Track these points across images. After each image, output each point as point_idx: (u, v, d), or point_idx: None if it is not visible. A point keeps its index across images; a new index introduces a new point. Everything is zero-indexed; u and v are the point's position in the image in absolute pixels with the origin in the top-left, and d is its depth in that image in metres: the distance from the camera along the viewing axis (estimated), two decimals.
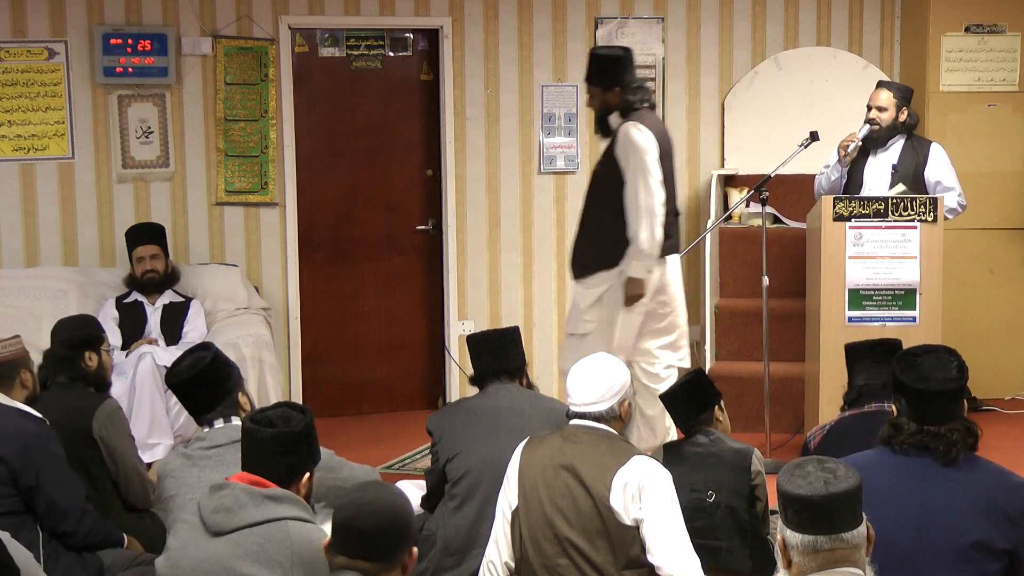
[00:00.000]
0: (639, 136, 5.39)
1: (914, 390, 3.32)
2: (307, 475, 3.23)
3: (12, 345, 4.28)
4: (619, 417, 3.75)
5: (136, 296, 6.64)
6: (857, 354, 4.49)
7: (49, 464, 4.05)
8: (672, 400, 4.33)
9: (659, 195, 5.35)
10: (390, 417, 7.43)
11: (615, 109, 5.56)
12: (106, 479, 4.53)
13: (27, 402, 4.25)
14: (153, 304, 6.64)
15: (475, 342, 4.61)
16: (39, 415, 4.18)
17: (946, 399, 3.30)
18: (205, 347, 4.04)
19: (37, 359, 4.58)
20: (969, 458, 3.31)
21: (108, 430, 4.50)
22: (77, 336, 4.71)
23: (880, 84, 6.47)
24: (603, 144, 5.64)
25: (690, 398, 4.27)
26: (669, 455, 4.32)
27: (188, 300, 6.71)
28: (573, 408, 3.75)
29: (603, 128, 5.62)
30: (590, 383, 3.74)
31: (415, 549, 2.77)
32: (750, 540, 4.22)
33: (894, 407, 3.41)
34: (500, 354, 4.54)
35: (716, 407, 4.31)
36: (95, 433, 4.47)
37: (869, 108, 6.34)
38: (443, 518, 4.38)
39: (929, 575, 3.18)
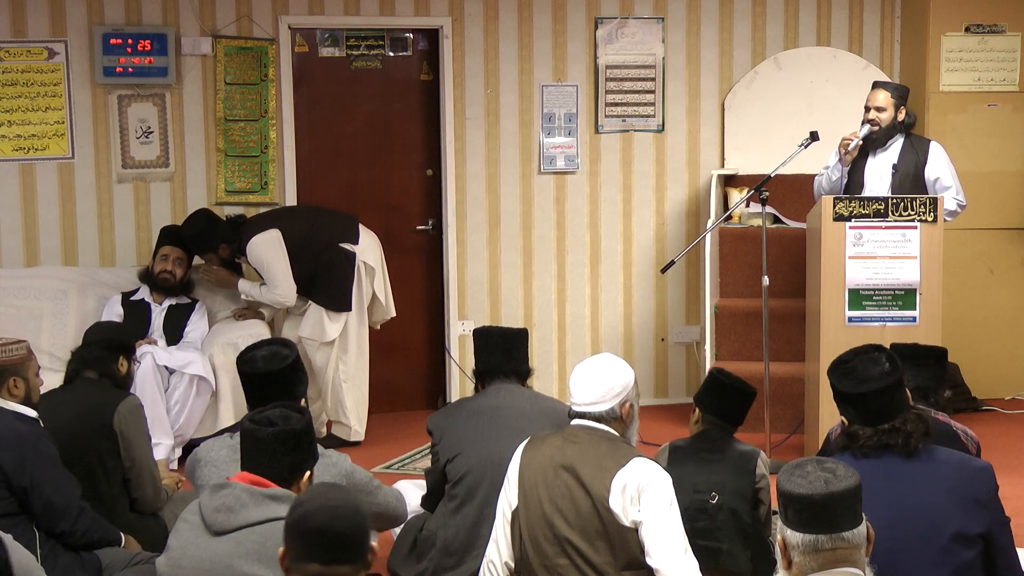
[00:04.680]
0: (253, 252, 6.55)
1: (856, 395, 3.36)
2: (308, 474, 3.23)
3: (5, 350, 4.19)
4: (620, 418, 3.74)
5: (143, 295, 6.65)
6: (900, 355, 4.49)
7: (42, 464, 4.04)
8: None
9: (282, 290, 6.58)
10: (390, 417, 7.42)
11: (233, 256, 6.73)
12: (118, 473, 4.53)
13: (27, 403, 4.23)
14: (159, 304, 6.64)
15: (487, 337, 4.60)
16: (32, 414, 4.17)
17: (889, 394, 3.35)
18: (286, 344, 4.02)
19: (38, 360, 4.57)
20: (928, 449, 3.35)
21: (128, 424, 4.52)
22: (117, 339, 4.76)
23: (876, 84, 6.47)
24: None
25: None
26: (675, 455, 4.32)
27: (193, 302, 6.71)
28: (575, 408, 3.75)
29: (236, 269, 6.80)
30: (592, 383, 3.73)
31: (375, 543, 2.73)
32: (751, 543, 4.22)
33: (844, 419, 3.43)
34: (513, 354, 4.55)
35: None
36: (115, 425, 4.48)
37: (868, 109, 6.33)
38: (443, 518, 4.38)
39: (909, 573, 3.19)
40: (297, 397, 3.89)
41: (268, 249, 6.54)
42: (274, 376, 3.86)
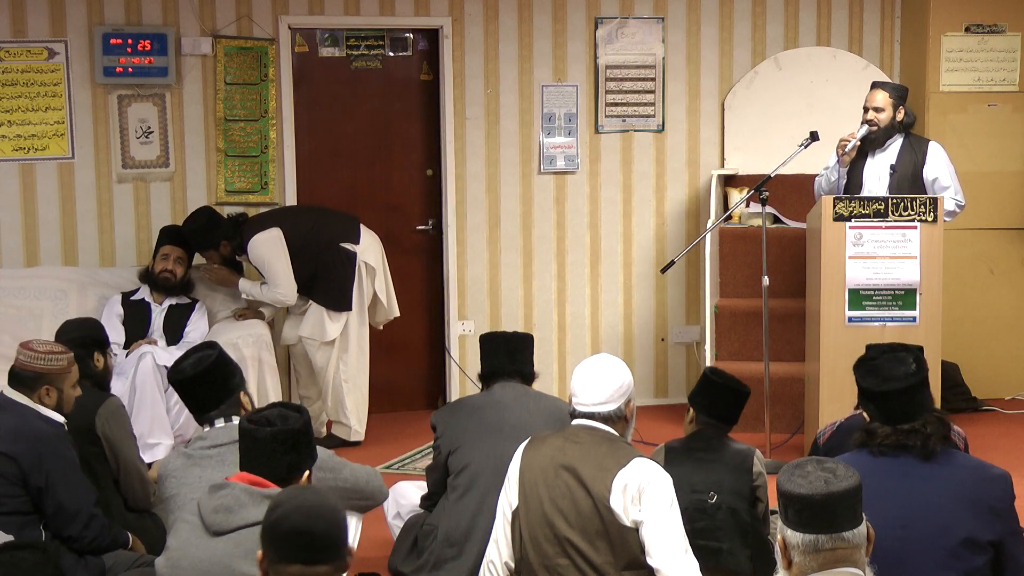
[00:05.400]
0: (254, 251, 6.54)
1: (879, 393, 3.35)
2: (306, 473, 3.23)
3: (46, 358, 4.18)
4: (624, 417, 3.75)
5: (143, 295, 6.65)
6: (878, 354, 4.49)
7: (59, 467, 4.04)
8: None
9: (283, 288, 6.58)
10: (390, 417, 7.42)
11: (234, 254, 6.72)
12: (108, 477, 4.54)
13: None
14: (160, 304, 6.64)
15: (491, 341, 4.64)
16: (59, 418, 4.17)
17: (911, 395, 3.34)
18: (210, 346, 4.03)
19: None
20: (946, 453, 3.34)
21: (111, 426, 4.51)
22: (89, 336, 4.73)
23: (875, 85, 6.46)
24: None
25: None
26: (671, 456, 4.32)
27: (193, 302, 6.71)
28: (581, 408, 3.73)
29: (236, 267, 6.79)
30: (599, 383, 3.73)
31: (353, 544, 2.73)
32: (751, 541, 4.22)
33: (865, 414, 3.43)
34: (516, 356, 4.58)
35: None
36: (98, 429, 4.48)
37: (866, 110, 6.32)
38: (444, 510, 4.39)
39: (916, 573, 3.19)
40: (233, 389, 3.89)
41: (269, 248, 6.54)
42: (203, 377, 3.87)
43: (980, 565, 3.20)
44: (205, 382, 3.87)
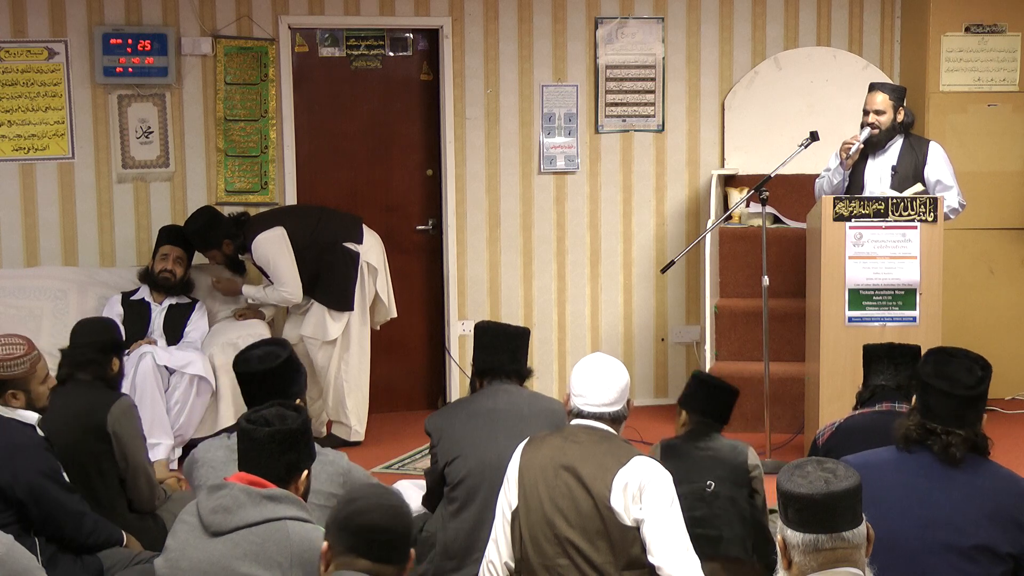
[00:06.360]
0: (259, 250, 6.54)
1: (925, 384, 3.35)
2: (305, 473, 3.23)
3: (5, 366, 4.11)
4: (626, 417, 3.77)
5: (143, 294, 6.65)
6: (875, 355, 4.50)
7: (39, 476, 4.00)
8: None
9: (289, 287, 6.57)
10: (390, 417, 7.42)
11: (237, 253, 6.71)
12: (114, 475, 4.53)
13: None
14: (159, 304, 6.64)
15: (491, 334, 4.57)
16: (31, 417, 4.13)
17: (954, 403, 3.31)
18: (281, 344, 4.03)
19: None
20: (979, 461, 3.32)
21: (122, 425, 4.51)
22: (110, 341, 4.74)
23: (873, 87, 6.43)
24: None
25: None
26: (667, 452, 4.35)
27: (193, 302, 6.71)
28: (589, 409, 3.73)
29: (239, 266, 6.82)
30: (607, 384, 3.72)
31: (412, 550, 2.78)
32: (750, 528, 4.24)
33: (914, 397, 3.44)
34: (517, 355, 4.54)
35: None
36: (109, 427, 4.47)
37: (866, 113, 6.31)
38: (442, 521, 4.37)
39: (932, 575, 3.19)
40: (290, 396, 3.88)
41: (273, 246, 6.54)
42: (268, 375, 3.87)
43: (997, 575, 3.19)
44: (269, 380, 3.87)
